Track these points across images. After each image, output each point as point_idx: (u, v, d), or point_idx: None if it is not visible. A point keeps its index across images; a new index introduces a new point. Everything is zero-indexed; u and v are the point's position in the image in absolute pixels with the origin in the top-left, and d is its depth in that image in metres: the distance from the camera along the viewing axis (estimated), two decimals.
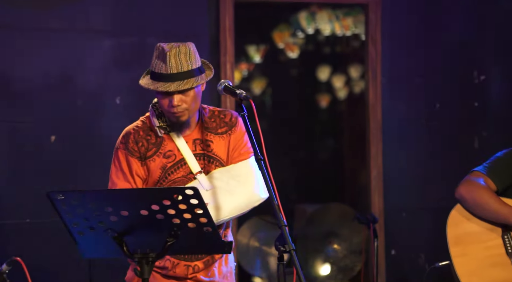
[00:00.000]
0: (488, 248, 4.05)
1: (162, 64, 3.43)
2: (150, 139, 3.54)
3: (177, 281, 3.57)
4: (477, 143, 5.80)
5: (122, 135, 3.59)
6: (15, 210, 5.00)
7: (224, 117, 3.62)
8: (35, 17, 5.07)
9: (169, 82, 3.42)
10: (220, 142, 3.58)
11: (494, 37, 5.87)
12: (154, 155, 3.53)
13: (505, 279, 4.02)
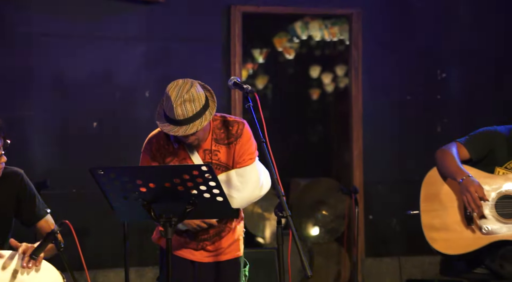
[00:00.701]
0: (452, 207, 4.00)
1: (170, 112, 3.34)
2: (168, 148, 3.49)
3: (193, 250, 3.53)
4: (440, 128, 5.80)
5: (147, 141, 3.53)
6: (64, 182, 5.03)
7: (232, 129, 3.52)
8: (83, 27, 5.11)
9: (177, 127, 3.34)
10: (227, 151, 3.52)
11: (453, 42, 5.86)
12: (171, 161, 3.51)
13: (459, 238, 3.97)
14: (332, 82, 6.03)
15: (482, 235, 3.94)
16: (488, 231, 3.94)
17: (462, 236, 3.96)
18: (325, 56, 5.99)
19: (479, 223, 3.96)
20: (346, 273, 5.65)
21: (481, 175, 3.99)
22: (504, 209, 3.95)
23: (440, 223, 3.99)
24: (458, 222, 3.98)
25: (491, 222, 3.96)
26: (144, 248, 5.10)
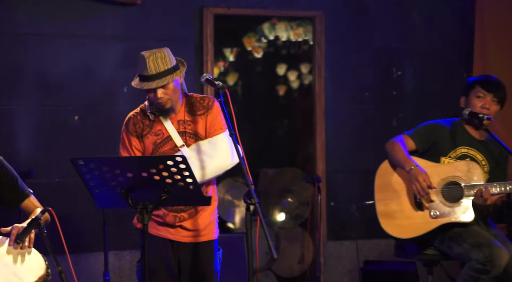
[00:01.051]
0: (403, 196, 4.07)
1: (144, 69, 3.44)
2: (145, 122, 3.55)
3: (168, 228, 3.54)
4: (395, 122, 5.83)
5: (125, 121, 3.61)
6: (48, 172, 5.00)
7: (203, 102, 3.59)
8: (65, 27, 5.06)
9: (150, 82, 3.42)
10: (199, 121, 3.57)
11: (407, 43, 5.89)
12: (148, 133, 3.54)
13: (410, 223, 4.03)
14: (297, 79, 6.05)
15: (431, 219, 4.02)
16: (436, 215, 4.00)
17: (413, 221, 4.01)
18: (290, 55, 6.00)
19: (428, 209, 4.01)
20: (309, 255, 5.68)
21: (428, 164, 4.06)
22: (450, 194, 4.01)
23: (393, 210, 4.05)
24: (409, 208, 4.04)
25: (439, 207, 4.02)
26: (122, 232, 5.08)
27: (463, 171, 4.02)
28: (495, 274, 3.84)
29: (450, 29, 5.96)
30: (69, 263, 3.13)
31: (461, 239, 3.96)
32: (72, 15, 5.06)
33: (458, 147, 4.12)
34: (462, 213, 3.98)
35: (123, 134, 3.59)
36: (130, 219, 4.03)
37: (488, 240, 3.91)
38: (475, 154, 4.12)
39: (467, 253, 3.91)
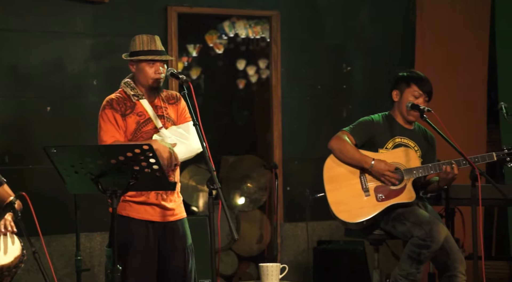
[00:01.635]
0: (350, 184, 4.12)
1: (152, 44, 3.59)
2: (127, 103, 3.57)
3: (148, 206, 3.52)
4: (345, 113, 5.88)
5: (107, 100, 3.61)
6: (21, 159, 4.92)
7: (172, 94, 3.70)
8: (36, 23, 4.98)
9: (159, 55, 3.56)
10: (172, 109, 3.63)
11: (356, 40, 5.94)
12: (130, 113, 3.56)
13: (361, 206, 4.08)
14: (256, 73, 6.05)
15: (378, 202, 4.07)
16: (382, 199, 4.06)
17: (362, 205, 4.07)
18: (249, 51, 6.00)
19: (374, 193, 4.06)
20: (267, 236, 5.70)
21: (371, 155, 4.13)
22: None
23: (343, 198, 4.10)
24: (357, 195, 4.09)
25: (384, 191, 4.07)
26: (93, 216, 5.04)
27: (401, 157, 4.09)
28: (435, 248, 3.91)
29: (394, 27, 6.03)
30: (42, 244, 3.10)
31: (404, 218, 4.01)
32: (43, 12, 4.99)
33: (392, 137, 4.18)
34: (404, 194, 4.06)
35: (105, 112, 3.55)
36: (100, 203, 4.00)
37: (427, 218, 3.98)
38: (408, 141, 4.19)
39: (409, 230, 3.97)
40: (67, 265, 4.88)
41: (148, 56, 3.55)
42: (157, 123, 3.55)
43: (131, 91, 3.57)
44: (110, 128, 3.53)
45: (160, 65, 3.56)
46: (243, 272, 5.64)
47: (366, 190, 4.08)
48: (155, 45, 3.59)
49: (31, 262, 3.11)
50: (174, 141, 3.53)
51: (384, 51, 5.99)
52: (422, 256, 3.92)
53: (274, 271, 4.01)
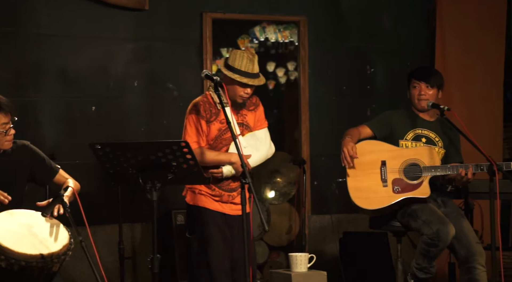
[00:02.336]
0: (370, 174, 4.06)
1: (250, 66, 3.53)
2: (212, 110, 3.57)
3: (223, 203, 3.62)
4: (369, 112, 5.84)
5: (194, 104, 3.60)
6: (69, 155, 4.95)
7: (252, 99, 3.69)
8: (83, 29, 5.03)
9: (253, 79, 3.53)
10: (251, 115, 3.64)
11: (379, 43, 5.89)
12: (214, 120, 3.57)
13: (377, 195, 4.03)
14: (284, 75, 6.03)
15: (394, 193, 4.02)
16: (398, 191, 4.01)
17: (379, 195, 4.02)
18: (278, 54, 5.98)
19: (392, 185, 4.00)
20: (296, 227, 5.68)
21: (392, 148, 4.10)
22: (410, 174, 4.03)
23: (362, 185, 4.05)
24: (376, 184, 4.04)
25: (401, 184, 4.03)
26: (135, 207, 5.07)
27: (423, 155, 4.03)
28: (442, 247, 3.88)
29: (415, 30, 5.96)
30: (88, 234, 3.12)
31: (416, 215, 3.97)
32: (89, 19, 5.03)
33: (412, 129, 4.14)
34: (420, 189, 4.01)
35: (191, 117, 3.58)
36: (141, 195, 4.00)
37: (438, 217, 3.92)
38: (428, 133, 4.14)
39: (420, 228, 3.93)
40: (111, 253, 4.91)
41: (243, 78, 3.51)
42: (236, 131, 3.56)
43: (218, 98, 3.54)
44: (194, 133, 3.56)
45: (251, 88, 3.55)
46: (273, 261, 5.63)
47: (385, 181, 4.03)
48: (253, 68, 3.53)
49: (78, 250, 3.13)
50: (248, 152, 3.54)
51: (406, 53, 5.94)
52: (431, 253, 3.89)
53: (303, 260, 4.01)
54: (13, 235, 2.95)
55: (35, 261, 2.90)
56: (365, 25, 5.86)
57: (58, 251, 2.98)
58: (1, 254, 2.87)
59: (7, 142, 3.24)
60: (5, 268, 2.87)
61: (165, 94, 5.26)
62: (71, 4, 4.97)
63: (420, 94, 4.12)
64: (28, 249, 2.91)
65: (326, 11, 5.76)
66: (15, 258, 2.86)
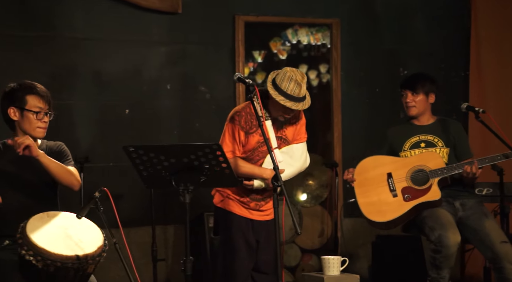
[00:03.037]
0: (379, 187, 4.08)
1: (296, 90, 3.46)
2: (253, 122, 3.55)
3: (252, 210, 3.62)
4: (402, 114, 5.74)
5: (235, 114, 3.56)
6: (103, 157, 5.01)
7: (296, 113, 3.63)
8: (117, 33, 5.07)
9: (297, 103, 3.47)
10: (291, 129, 3.63)
11: (412, 45, 5.84)
12: (254, 132, 3.55)
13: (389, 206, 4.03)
14: (317, 77, 6.00)
15: (405, 202, 4.01)
16: (410, 198, 4.00)
17: (391, 205, 4.03)
18: (311, 57, 5.95)
19: (402, 194, 4.02)
20: (328, 230, 5.65)
21: (395, 160, 4.14)
22: (417, 180, 4.04)
23: (372, 200, 4.07)
24: (386, 196, 4.06)
25: (410, 191, 4.03)
26: (167, 209, 5.10)
27: (426, 159, 4.05)
28: (446, 254, 3.83)
29: (449, 32, 5.90)
30: (122, 235, 3.14)
31: (425, 222, 3.97)
32: (122, 23, 5.07)
33: (408, 138, 4.17)
34: (430, 193, 4.00)
35: (232, 126, 3.55)
36: (174, 197, 4.00)
37: (441, 223, 3.91)
38: (426, 136, 4.16)
39: (427, 235, 3.94)
40: (144, 255, 4.94)
41: (287, 102, 3.46)
42: (273, 144, 3.55)
43: (260, 112, 3.52)
44: (231, 141, 3.54)
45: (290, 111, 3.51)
46: (305, 264, 5.61)
47: (394, 191, 4.04)
48: (299, 92, 3.47)
49: (112, 252, 3.15)
50: (283, 166, 3.52)
51: (439, 54, 5.88)
52: (437, 261, 3.85)
53: (336, 263, 3.98)
54: (49, 236, 2.99)
55: (70, 262, 2.92)
56: (399, 27, 5.82)
57: (93, 253, 3.01)
58: (38, 254, 2.91)
59: (39, 128, 3.27)
60: (42, 268, 2.91)
61: (198, 97, 5.28)
62: (105, 9, 5.02)
63: (406, 102, 4.20)
64: (64, 250, 2.95)
65: (359, 13, 5.73)
66: (51, 259, 2.90)
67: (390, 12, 5.78)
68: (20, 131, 3.28)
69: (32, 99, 3.26)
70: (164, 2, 5.11)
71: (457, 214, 4.06)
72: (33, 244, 2.92)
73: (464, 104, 4.09)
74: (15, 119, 3.26)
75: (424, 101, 4.17)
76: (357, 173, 4.14)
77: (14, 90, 3.28)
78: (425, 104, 4.18)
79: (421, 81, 4.19)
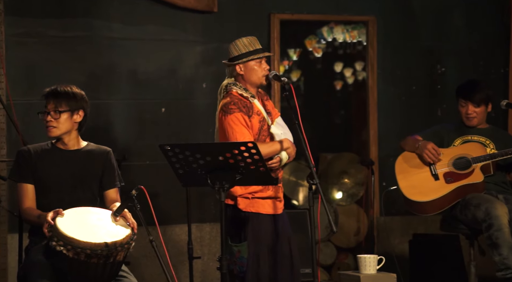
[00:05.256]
0: (420, 172, 4.16)
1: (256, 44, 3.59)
2: (247, 104, 3.54)
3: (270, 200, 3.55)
4: (440, 112, 5.72)
5: (233, 103, 3.50)
6: (139, 156, 5.04)
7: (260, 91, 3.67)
8: (153, 32, 5.10)
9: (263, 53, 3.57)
10: (269, 103, 3.68)
11: (450, 42, 5.76)
12: (253, 114, 3.54)
13: (430, 188, 4.09)
14: (352, 75, 5.96)
15: (447, 184, 4.07)
16: (452, 181, 4.07)
17: (433, 187, 4.10)
18: (346, 55, 5.92)
19: (444, 178, 4.08)
20: (364, 229, 5.61)
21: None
22: (458, 165, 4.15)
23: (414, 183, 4.15)
24: (428, 180, 4.13)
25: (452, 175, 4.11)
26: (203, 207, 5.12)
27: (470, 149, 4.12)
28: (498, 225, 3.82)
29: (488, 28, 5.80)
30: (158, 233, 3.15)
31: (470, 204, 3.99)
32: (158, 22, 5.10)
33: (460, 136, 4.22)
34: (472, 176, 4.05)
35: (235, 116, 3.48)
36: (209, 195, 4.02)
37: (486, 199, 3.96)
38: (478, 138, 4.21)
39: (474, 215, 3.94)
40: (180, 253, 4.96)
41: (258, 54, 3.50)
42: (268, 121, 3.55)
43: (245, 93, 3.54)
44: (245, 130, 3.46)
45: (265, 62, 3.55)
46: (341, 262, 5.58)
47: (436, 175, 4.10)
48: (258, 44, 3.57)
49: (149, 249, 3.18)
50: (283, 137, 3.51)
51: (478, 52, 5.79)
52: (493, 237, 3.84)
53: (372, 262, 3.94)
54: (77, 227, 3.05)
55: (100, 249, 2.97)
56: (436, 24, 5.75)
57: (121, 240, 3.05)
58: (68, 244, 2.97)
59: (48, 127, 3.31)
60: (72, 257, 2.97)
61: None
62: (141, 9, 5.06)
63: (467, 113, 4.24)
64: (93, 238, 3.01)
65: (395, 10, 5.67)
66: (81, 247, 2.96)
67: (426, 9, 5.72)
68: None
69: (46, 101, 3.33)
70: (200, 1, 5.12)
71: None
72: (62, 235, 2.99)
73: (504, 101, 4.09)
74: None
75: (484, 112, 4.25)
76: (398, 163, 4.23)
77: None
78: (485, 114, 4.26)
79: (481, 92, 4.24)
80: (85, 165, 3.34)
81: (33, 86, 4.77)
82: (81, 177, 3.32)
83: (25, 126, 4.44)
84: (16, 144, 4.23)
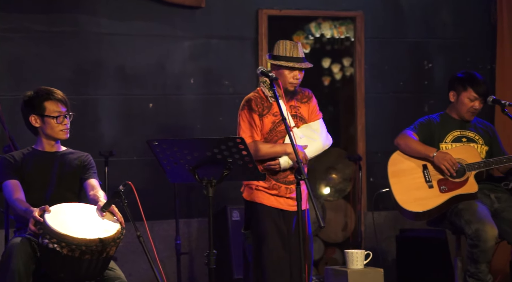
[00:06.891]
0: (414, 178, 4.05)
1: (295, 52, 3.53)
2: (264, 103, 3.57)
3: (279, 197, 3.60)
4: (426, 108, 5.74)
5: (246, 100, 3.61)
6: (127, 151, 5.04)
7: (304, 92, 3.69)
8: (140, 28, 5.10)
9: (300, 63, 3.54)
10: (304, 107, 3.63)
11: (436, 38, 5.77)
12: (267, 113, 3.57)
13: (424, 197, 4.01)
14: (340, 71, 5.97)
15: (442, 193, 3.97)
16: (446, 190, 3.98)
17: (427, 196, 3.99)
18: (334, 50, 5.92)
19: (438, 186, 3.99)
20: (352, 224, 5.63)
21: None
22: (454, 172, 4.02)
23: (407, 190, 4.03)
24: (422, 187, 4.02)
25: (446, 183, 4.00)
26: (191, 203, 5.11)
27: (463, 154, 4.02)
28: (484, 248, 3.79)
29: (475, 24, 5.82)
30: (146, 229, 3.15)
31: (460, 215, 3.93)
32: (146, 17, 5.09)
33: (450, 131, 4.12)
34: (467, 186, 3.98)
35: (245, 113, 3.58)
36: (197, 191, 4.01)
37: (479, 217, 3.85)
38: (467, 132, 4.13)
39: (463, 228, 3.90)
40: (168, 248, 4.96)
41: (289, 62, 3.52)
42: (290, 123, 3.55)
43: (269, 92, 3.56)
44: (248, 128, 3.56)
45: (298, 72, 3.55)
46: (329, 257, 5.60)
47: (430, 182, 4.01)
48: (297, 53, 3.54)
49: (136, 245, 3.18)
50: (305, 142, 3.52)
51: (465, 48, 5.81)
52: (475, 256, 3.81)
53: (359, 257, 3.96)
54: (69, 223, 3.05)
55: (94, 245, 2.98)
56: (423, 20, 5.76)
57: (114, 235, 3.06)
58: (62, 241, 2.95)
59: (61, 131, 3.37)
60: (67, 254, 2.97)
61: (221, 91, 5.29)
62: (129, 4, 5.05)
63: (475, 108, 4.12)
64: (87, 234, 3.01)
65: (383, 6, 5.68)
66: (75, 243, 2.96)
67: (414, 5, 5.73)
68: (44, 136, 3.40)
69: (50, 105, 3.36)
70: None
71: (492, 205, 4.03)
72: (55, 232, 2.98)
73: (490, 97, 4.07)
74: (37, 126, 3.39)
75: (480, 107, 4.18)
76: (391, 164, 4.13)
77: (32, 99, 3.39)
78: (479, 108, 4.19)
79: (488, 90, 4.16)
80: (66, 163, 3.40)
81: (20, 81, 4.75)
82: (63, 175, 3.37)
83: (11, 122, 4.42)
84: (3, 139, 4.21)
